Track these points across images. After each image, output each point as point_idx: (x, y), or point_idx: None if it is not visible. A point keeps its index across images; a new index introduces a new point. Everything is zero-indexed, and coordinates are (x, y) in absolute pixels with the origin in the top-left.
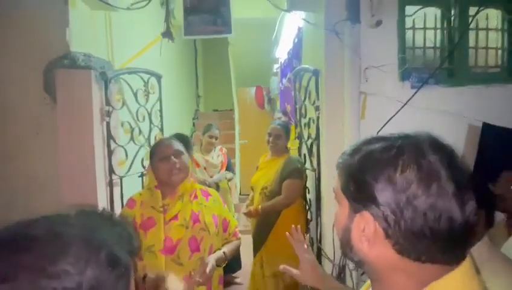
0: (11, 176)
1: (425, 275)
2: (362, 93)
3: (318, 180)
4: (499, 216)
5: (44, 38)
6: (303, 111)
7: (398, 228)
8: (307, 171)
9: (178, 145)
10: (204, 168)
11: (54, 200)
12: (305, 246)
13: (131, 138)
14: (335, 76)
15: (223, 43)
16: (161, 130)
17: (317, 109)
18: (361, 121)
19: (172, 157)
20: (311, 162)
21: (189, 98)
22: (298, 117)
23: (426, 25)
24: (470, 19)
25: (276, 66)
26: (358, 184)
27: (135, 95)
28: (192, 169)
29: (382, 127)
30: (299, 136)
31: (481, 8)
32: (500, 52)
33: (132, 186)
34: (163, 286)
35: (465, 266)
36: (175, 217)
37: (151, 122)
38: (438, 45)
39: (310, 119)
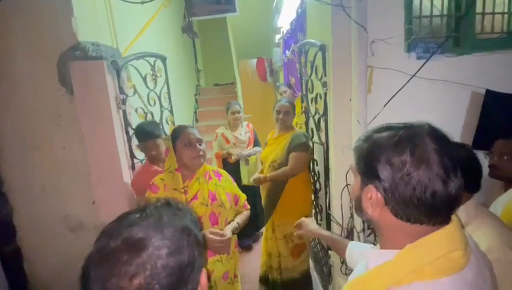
0: (41, 162)
1: (415, 232)
2: (369, 67)
3: (326, 153)
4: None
5: (52, 29)
6: (309, 86)
7: (394, 197)
8: (316, 144)
9: (198, 133)
10: (234, 144)
11: (84, 184)
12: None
13: None
14: (342, 51)
15: None
16: (171, 112)
17: (324, 85)
18: (368, 96)
19: (197, 144)
20: (319, 136)
21: (189, 74)
22: (304, 92)
23: None
24: None
25: (278, 36)
26: (367, 164)
27: (144, 80)
28: (223, 145)
29: (388, 101)
30: (306, 111)
31: None
32: (506, 17)
33: None
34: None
35: (450, 225)
36: (195, 196)
37: (161, 105)
38: (445, 12)
39: (317, 94)
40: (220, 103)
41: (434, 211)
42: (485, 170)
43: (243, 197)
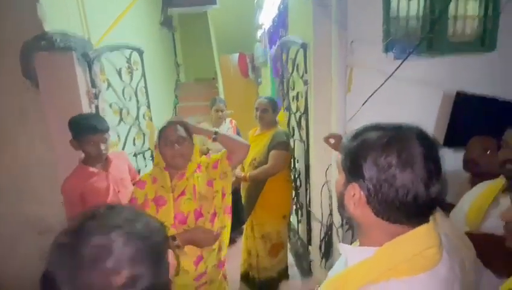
0: (3, 161)
1: (394, 231)
2: (348, 67)
3: (307, 151)
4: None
5: (14, 15)
6: (291, 84)
7: (376, 197)
8: (297, 142)
9: (182, 132)
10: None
11: (51, 184)
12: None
13: (121, 119)
14: (323, 49)
15: None
16: (148, 107)
17: (305, 82)
18: (348, 94)
19: (176, 144)
20: (299, 134)
21: (169, 68)
22: (286, 90)
23: None
24: None
25: (260, 32)
26: (353, 162)
27: (119, 73)
28: (205, 140)
29: (366, 101)
30: (288, 108)
31: None
32: (476, 21)
33: None
34: None
35: (426, 224)
36: (182, 193)
37: (137, 100)
38: (420, 14)
39: (298, 92)
40: (200, 98)
41: (414, 213)
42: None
43: (222, 153)
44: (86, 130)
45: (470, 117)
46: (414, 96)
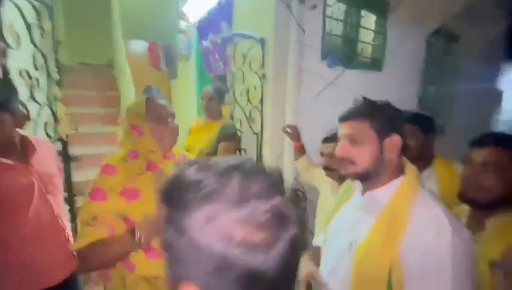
0: None
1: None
2: (300, 68)
3: (260, 142)
4: None
5: None
6: (239, 77)
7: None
8: (245, 134)
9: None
10: None
11: None
12: None
13: (31, 94)
14: (281, 47)
15: None
16: (58, 84)
17: (263, 76)
18: (298, 91)
19: (170, 119)
20: (250, 126)
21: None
22: (231, 83)
23: (339, 17)
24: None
25: (183, 23)
26: (391, 122)
27: (28, 28)
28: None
29: (314, 97)
30: (232, 102)
31: (364, 13)
32: (370, 46)
33: None
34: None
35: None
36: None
37: (48, 72)
38: (341, 34)
39: (250, 85)
40: (89, 86)
41: None
42: None
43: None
44: None
45: None
46: (340, 99)
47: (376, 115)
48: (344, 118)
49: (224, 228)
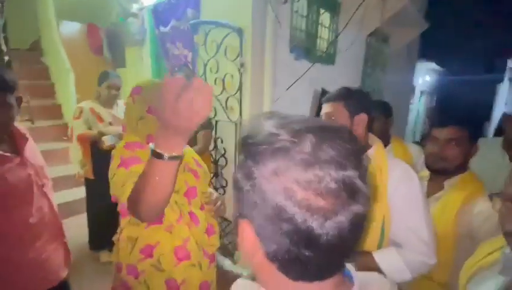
0: None
1: None
2: (276, 59)
3: (240, 130)
4: None
5: None
6: (211, 66)
7: None
8: (221, 122)
9: None
10: (110, 124)
11: None
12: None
13: None
14: (259, 37)
15: None
16: None
17: (242, 65)
18: (273, 81)
19: None
20: (226, 114)
21: None
22: (203, 71)
23: (303, 14)
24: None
25: (135, 5)
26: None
27: None
28: (93, 123)
29: (290, 87)
30: None
31: (322, 11)
32: (326, 41)
33: None
34: None
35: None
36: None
37: None
38: (304, 29)
39: (226, 74)
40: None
41: None
42: None
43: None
44: None
45: None
46: (306, 88)
47: (349, 97)
48: (326, 100)
49: (288, 185)
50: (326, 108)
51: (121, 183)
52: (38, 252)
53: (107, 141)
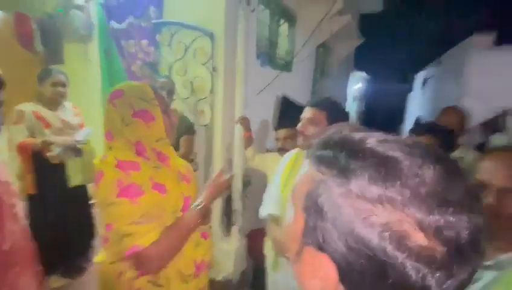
0: None
1: None
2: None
3: (210, 134)
4: None
5: None
6: (178, 68)
7: None
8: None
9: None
10: (61, 130)
11: None
12: None
13: None
14: (231, 42)
15: None
16: None
17: (214, 69)
18: (245, 85)
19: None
20: (196, 118)
21: None
22: (168, 72)
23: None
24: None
25: None
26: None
27: None
28: (39, 129)
29: (262, 90)
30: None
31: (282, 21)
32: (286, 51)
33: None
34: None
35: None
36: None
37: None
38: (267, 37)
39: (196, 77)
40: None
41: None
42: None
43: None
44: None
45: (290, 114)
46: (269, 95)
47: (333, 109)
48: (311, 104)
49: (399, 223)
50: (309, 112)
51: (129, 220)
52: (11, 283)
53: (55, 152)
